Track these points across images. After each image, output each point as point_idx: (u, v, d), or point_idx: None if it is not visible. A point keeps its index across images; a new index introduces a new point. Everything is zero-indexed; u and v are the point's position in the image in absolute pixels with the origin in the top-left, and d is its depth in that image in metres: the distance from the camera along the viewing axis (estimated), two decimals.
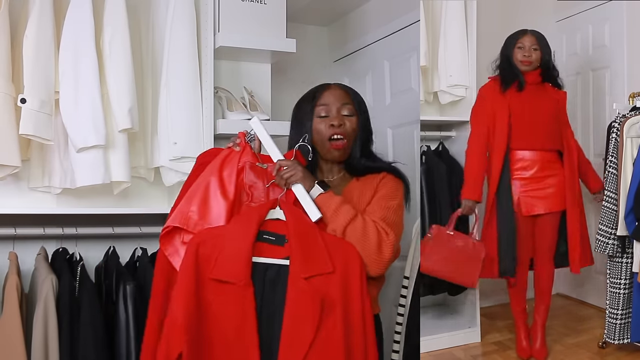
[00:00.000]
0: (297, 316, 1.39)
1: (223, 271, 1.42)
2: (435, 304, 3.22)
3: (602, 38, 3.30)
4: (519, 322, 2.69)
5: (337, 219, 1.51)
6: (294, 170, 1.53)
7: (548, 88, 2.58)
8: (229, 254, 1.43)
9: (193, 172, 1.68)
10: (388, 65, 3.06)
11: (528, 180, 2.51)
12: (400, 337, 2.36)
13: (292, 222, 1.46)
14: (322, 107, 1.66)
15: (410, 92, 2.91)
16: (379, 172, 1.66)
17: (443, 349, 2.78)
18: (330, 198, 1.53)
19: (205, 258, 1.43)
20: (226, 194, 1.55)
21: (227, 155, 1.62)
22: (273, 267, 1.45)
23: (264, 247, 1.46)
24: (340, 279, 1.42)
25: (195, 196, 1.56)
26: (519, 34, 2.56)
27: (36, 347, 1.88)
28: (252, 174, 1.59)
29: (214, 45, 2.36)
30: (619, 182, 2.50)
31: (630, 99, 2.74)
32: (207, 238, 1.46)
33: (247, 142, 1.64)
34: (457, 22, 2.86)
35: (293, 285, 1.40)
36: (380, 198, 1.60)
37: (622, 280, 2.55)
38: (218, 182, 1.56)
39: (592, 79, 3.38)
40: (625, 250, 2.55)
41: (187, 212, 1.54)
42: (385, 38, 3.05)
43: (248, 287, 1.41)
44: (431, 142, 2.99)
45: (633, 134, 2.49)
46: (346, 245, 1.47)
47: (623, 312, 2.56)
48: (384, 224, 1.53)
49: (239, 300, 1.40)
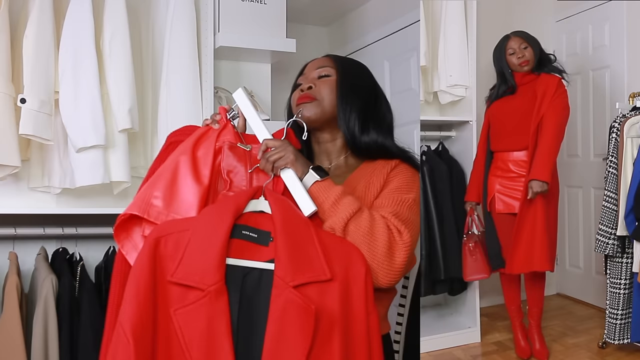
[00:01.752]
0: (282, 335, 1.07)
1: (188, 273, 1.09)
2: (435, 304, 3.22)
3: (602, 38, 3.30)
4: (515, 322, 2.70)
5: (336, 212, 1.20)
6: (283, 151, 1.23)
7: (543, 78, 2.51)
8: (196, 252, 1.11)
9: (161, 153, 1.37)
10: (388, 65, 3.06)
11: (504, 179, 2.55)
12: (400, 337, 2.36)
13: (279, 215, 1.15)
14: (300, 77, 1.44)
15: (410, 92, 2.91)
16: (390, 159, 1.37)
17: (443, 349, 2.78)
18: (329, 187, 1.23)
19: (167, 257, 1.11)
20: (199, 178, 1.24)
21: (204, 133, 1.31)
22: (254, 272, 1.13)
23: (243, 245, 1.14)
24: (339, 289, 1.10)
25: (161, 179, 1.24)
26: (504, 40, 2.57)
27: (36, 347, 1.88)
28: (232, 156, 1.28)
29: (214, 45, 2.37)
30: (619, 182, 2.50)
31: (630, 99, 2.74)
32: (170, 232, 1.14)
33: (228, 119, 1.33)
34: (457, 22, 2.85)
35: (278, 295, 1.08)
36: (392, 190, 1.30)
37: (622, 280, 2.55)
38: (190, 164, 1.25)
39: (592, 79, 3.37)
40: (625, 250, 2.54)
41: (149, 199, 1.22)
42: (385, 38, 3.06)
43: (220, 295, 1.08)
44: (431, 142, 2.99)
45: (633, 134, 2.49)
46: (348, 246, 1.16)
47: (623, 312, 2.56)
48: (396, 221, 1.21)
49: (208, 312, 1.07)
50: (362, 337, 1.11)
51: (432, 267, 2.76)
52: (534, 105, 2.46)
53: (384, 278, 1.18)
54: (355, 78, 1.42)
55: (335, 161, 1.43)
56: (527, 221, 2.43)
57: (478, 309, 2.90)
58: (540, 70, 2.55)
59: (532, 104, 2.48)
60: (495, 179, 2.57)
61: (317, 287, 1.10)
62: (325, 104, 1.38)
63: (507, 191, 2.54)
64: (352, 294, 1.12)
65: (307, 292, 1.09)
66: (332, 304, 1.09)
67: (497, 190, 2.55)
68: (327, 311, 1.09)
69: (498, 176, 2.57)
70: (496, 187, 2.56)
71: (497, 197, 2.55)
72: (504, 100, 2.60)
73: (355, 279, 1.13)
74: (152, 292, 1.09)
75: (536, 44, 2.55)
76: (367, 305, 1.12)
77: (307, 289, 1.09)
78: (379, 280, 1.18)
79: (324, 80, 1.40)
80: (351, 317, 1.11)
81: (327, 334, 1.09)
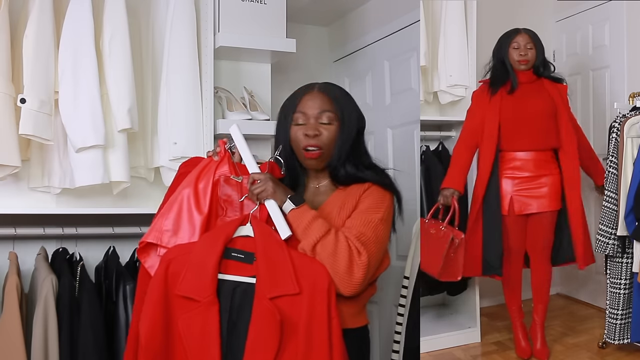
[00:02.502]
0: (258, 337, 1.36)
1: (189, 288, 1.40)
2: (435, 304, 3.22)
3: (602, 38, 3.30)
4: (515, 322, 2.69)
5: (307, 236, 1.44)
6: (264, 185, 1.48)
7: (546, 84, 2.56)
8: (195, 271, 1.41)
9: (174, 182, 1.66)
10: (388, 65, 3.06)
11: (521, 180, 2.51)
12: (400, 337, 2.37)
13: (260, 239, 1.43)
14: (300, 114, 1.58)
15: (410, 92, 2.91)
16: (363, 182, 1.58)
17: (443, 349, 2.78)
18: (302, 213, 1.47)
19: (175, 274, 1.42)
20: (200, 209, 1.52)
21: (205, 166, 1.58)
22: (241, 286, 1.41)
23: (232, 264, 1.43)
24: (306, 302, 1.37)
25: (171, 210, 1.54)
26: (512, 33, 2.55)
27: (36, 347, 1.87)
28: (227, 187, 1.55)
29: (214, 45, 2.36)
30: (619, 182, 2.50)
31: (630, 99, 2.74)
32: (178, 254, 1.45)
33: (227, 150, 1.59)
34: (457, 22, 2.85)
35: (258, 305, 1.37)
36: (361, 211, 1.52)
37: (622, 281, 2.55)
38: (193, 196, 1.53)
39: (592, 79, 3.37)
40: (625, 250, 2.55)
41: (161, 227, 1.53)
42: (385, 38, 3.05)
43: (212, 304, 1.38)
44: (431, 142, 2.99)
45: (633, 134, 2.49)
46: (315, 265, 1.41)
47: (623, 312, 2.56)
48: (357, 243, 1.44)
49: (203, 318, 1.38)
50: (324, 340, 1.37)
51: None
52: (552, 106, 2.50)
53: (345, 289, 1.43)
54: (349, 124, 1.59)
55: (323, 181, 1.64)
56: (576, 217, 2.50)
57: (478, 309, 2.90)
58: (540, 74, 2.56)
59: (551, 106, 2.50)
60: (509, 180, 2.51)
61: (288, 299, 1.38)
62: (328, 152, 1.58)
63: (527, 192, 2.50)
64: (316, 304, 1.38)
65: (279, 303, 1.37)
66: (299, 313, 1.37)
67: (514, 191, 2.50)
68: (293, 319, 1.37)
69: (513, 177, 2.51)
70: (512, 188, 2.51)
71: (514, 198, 2.50)
72: (511, 99, 2.52)
73: (320, 291, 1.38)
74: (164, 304, 1.40)
75: (541, 48, 2.55)
76: (330, 312, 1.38)
77: (279, 300, 1.37)
78: (341, 291, 1.42)
79: (327, 128, 1.57)
80: (314, 323, 1.38)
81: (292, 337, 1.37)
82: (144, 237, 1.55)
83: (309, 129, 1.56)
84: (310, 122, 1.57)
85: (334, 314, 1.39)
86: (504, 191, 2.51)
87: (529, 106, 2.50)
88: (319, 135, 1.56)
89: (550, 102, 2.51)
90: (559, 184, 2.52)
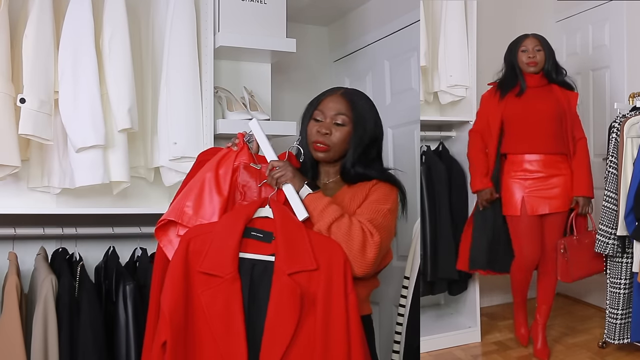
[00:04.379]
0: (279, 311, 1.43)
1: (211, 265, 1.47)
2: (435, 304, 3.22)
3: (602, 38, 3.30)
4: (518, 309, 2.74)
5: (323, 218, 1.54)
6: (284, 170, 1.59)
7: (555, 90, 2.56)
8: (217, 249, 1.48)
9: (193, 169, 1.74)
10: (388, 65, 3.06)
11: (532, 181, 2.51)
12: (400, 337, 2.36)
13: (279, 220, 1.51)
14: (319, 112, 1.71)
15: (410, 92, 2.91)
16: (370, 180, 1.69)
17: (443, 349, 2.79)
18: (318, 198, 1.57)
19: (196, 252, 1.48)
20: (221, 191, 1.61)
21: (225, 154, 1.68)
22: (260, 263, 1.49)
23: (252, 243, 1.50)
24: (324, 277, 1.45)
25: (192, 192, 1.62)
26: (521, 38, 2.59)
27: (36, 348, 1.87)
28: (246, 173, 1.65)
29: (214, 45, 2.36)
30: (619, 182, 2.50)
31: (630, 99, 2.74)
32: (198, 233, 1.52)
33: (245, 142, 1.69)
34: (457, 22, 2.85)
35: (277, 280, 1.44)
36: (371, 202, 1.63)
37: (622, 280, 2.55)
38: (214, 180, 1.62)
39: (592, 79, 3.37)
40: (625, 250, 2.55)
41: (182, 207, 1.60)
42: (385, 38, 3.05)
43: (235, 280, 1.45)
44: (431, 142, 2.99)
45: (633, 134, 2.49)
46: (332, 243, 1.50)
47: (623, 312, 2.56)
48: (370, 225, 1.54)
49: (226, 293, 1.45)
50: (341, 313, 1.45)
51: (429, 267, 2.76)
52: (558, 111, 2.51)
53: (358, 269, 1.51)
54: (363, 129, 1.69)
55: (333, 178, 1.76)
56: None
57: (478, 308, 2.90)
58: (551, 79, 2.56)
59: (560, 111, 2.51)
60: (518, 182, 2.52)
61: (306, 275, 1.45)
62: (336, 150, 1.69)
63: (539, 192, 2.50)
64: (333, 278, 1.46)
65: (298, 279, 1.45)
66: (317, 288, 1.45)
67: (526, 193, 2.50)
68: (311, 293, 1.45)
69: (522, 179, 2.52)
70: (524, 190, 2.51)
71: (526, 199, 2.50)
72: (519, 102, 2.54)
73: (336, 267, 1.47)
74: (185, 280, 1.47)
75: (550, 51, 2.56)
76: (346, 287, 1.46)
77: (298, 276, 1.45)
78: (354, 270, 1.50)
79: (340, 129, 1.68)
80: (332, 297, 1.45)
81: (311, 310, 1.44)
82: (164, 215, 1.62)
83: (323, 127, 1.69)
84: (325, 121, 1.69)
85: (350, 289, 1.46)
86: (515, 194, 2.52)
87: (540, 109, 2.51)
88: (329, 135, 1.68)
89: (556, 107, 2.52)
90: (570, 184, 2.54)
